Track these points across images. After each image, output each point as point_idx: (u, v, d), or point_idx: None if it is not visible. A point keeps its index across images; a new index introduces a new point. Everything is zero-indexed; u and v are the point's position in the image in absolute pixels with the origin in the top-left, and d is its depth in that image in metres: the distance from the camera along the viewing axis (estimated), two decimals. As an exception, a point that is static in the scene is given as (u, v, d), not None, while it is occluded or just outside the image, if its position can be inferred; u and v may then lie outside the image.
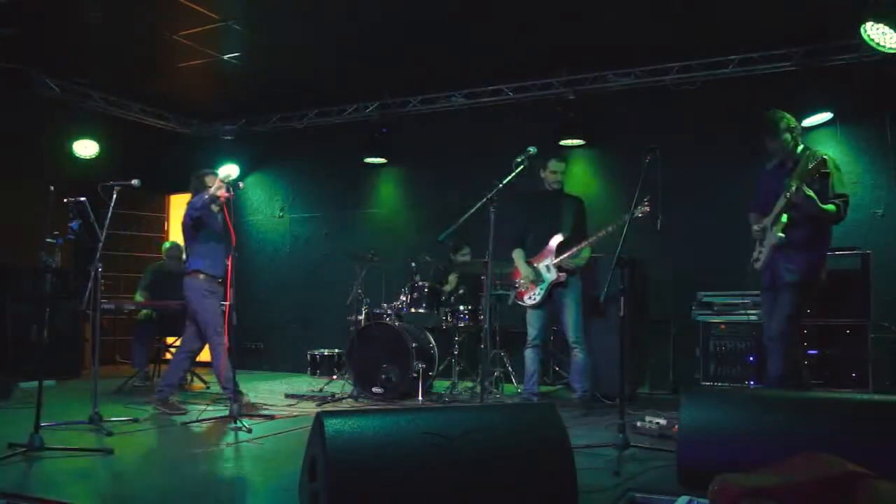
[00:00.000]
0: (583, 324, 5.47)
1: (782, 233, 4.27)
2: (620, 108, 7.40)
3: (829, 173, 4.26)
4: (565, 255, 5.40)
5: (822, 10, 5.83)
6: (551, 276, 5.43)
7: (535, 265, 5.53)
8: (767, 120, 4.47)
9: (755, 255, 4.56)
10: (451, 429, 2.54)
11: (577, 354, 5.45)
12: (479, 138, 7.90)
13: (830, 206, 4.22)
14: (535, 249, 5.59)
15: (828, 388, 5.51)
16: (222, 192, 5.15)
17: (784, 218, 4.27)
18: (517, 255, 5.60)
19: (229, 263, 5.13)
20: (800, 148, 4.42)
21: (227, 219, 5.15)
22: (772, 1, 5.79)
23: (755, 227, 4.53)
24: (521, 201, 5.65)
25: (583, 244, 5.36)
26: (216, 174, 5.40)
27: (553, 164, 5.55)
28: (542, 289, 5.46)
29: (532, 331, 5.53)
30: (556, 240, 5.48)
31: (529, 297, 5.52)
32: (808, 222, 4.28)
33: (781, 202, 4.30)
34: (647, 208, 4.85)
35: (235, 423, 4.71)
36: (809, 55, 6.51)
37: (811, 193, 4.16)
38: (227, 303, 5.09)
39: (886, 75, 6.07)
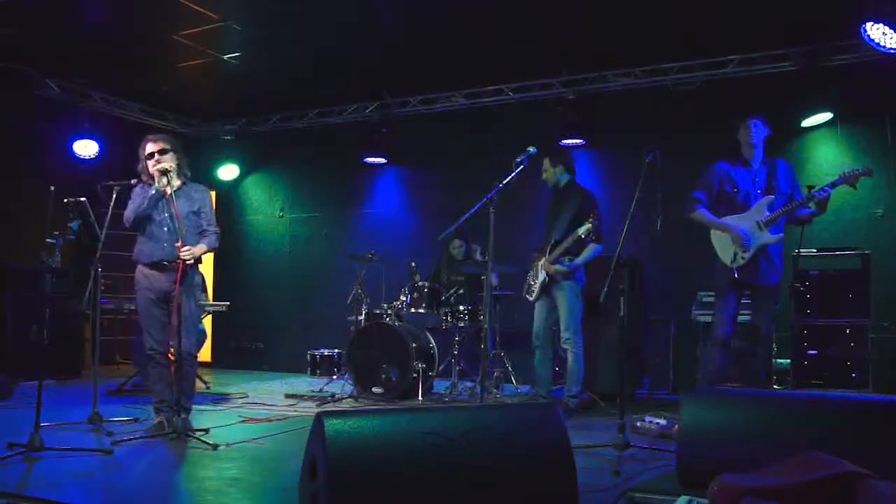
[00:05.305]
0: (577, 325, 5.38)
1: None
2: (620, 108, 7.38)
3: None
4: (548, 257, 5.40)
5: (822, 10, 5.83)
6: (542, 275, 5.46)
7: (538, 264, 5.54)
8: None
9: (736, 255, 4.64)
10: (451, 429, 2.53)
11: (568, 356, 5.42)
12: (479, 138, 7.89)
13: None
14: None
15: (828, 388, 5.51)
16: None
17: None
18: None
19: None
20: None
21: None
22: (772, 1, 5.79)
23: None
24: (549, 199, 5.71)
25: (559, 249, 5.33)
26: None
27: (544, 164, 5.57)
28: (538, 287, 5.50)
29: (534, 327, 5.54)
30: (551, 241, 5.49)
31: (529, 293, 5.62)
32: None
33: (781, 207, 4.51)
34: (592, 221, 5.05)
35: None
36: (809, 55, 6.50)
37: None
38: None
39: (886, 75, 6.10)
